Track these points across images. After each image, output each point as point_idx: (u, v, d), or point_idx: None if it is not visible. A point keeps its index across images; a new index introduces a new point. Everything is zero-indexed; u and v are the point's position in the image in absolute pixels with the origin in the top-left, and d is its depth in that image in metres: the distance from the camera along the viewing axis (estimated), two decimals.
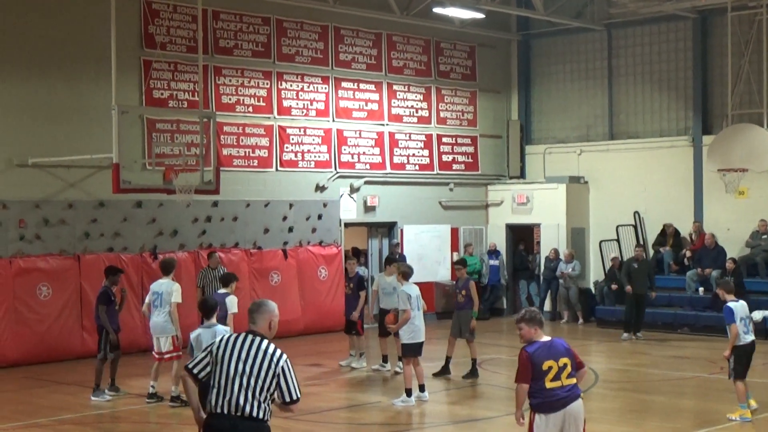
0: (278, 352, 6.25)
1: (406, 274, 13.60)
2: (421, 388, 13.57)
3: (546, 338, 7.88)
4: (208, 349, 6.40)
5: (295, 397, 6.25)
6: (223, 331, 9.88)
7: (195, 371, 6.42)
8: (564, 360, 7.78)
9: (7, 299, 16.98)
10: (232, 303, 12.74)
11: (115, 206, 18.56)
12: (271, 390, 6.21)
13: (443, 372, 15.36)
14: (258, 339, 6.27)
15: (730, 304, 11.91)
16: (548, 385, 7.70)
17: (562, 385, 7.74)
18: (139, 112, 18.62)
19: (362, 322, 16.60)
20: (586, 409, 13.62)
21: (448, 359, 15.44)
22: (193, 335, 10.00)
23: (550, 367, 7.71)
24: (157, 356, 13.59)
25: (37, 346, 17.13)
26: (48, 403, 13.75)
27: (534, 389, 7.74)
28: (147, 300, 14.05)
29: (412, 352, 13.36)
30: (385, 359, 16.15)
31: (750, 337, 11.96)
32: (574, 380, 7.82)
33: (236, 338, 6.31)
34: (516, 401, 7.94)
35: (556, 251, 23.57)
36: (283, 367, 6.21)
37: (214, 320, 10.21)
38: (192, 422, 7.00)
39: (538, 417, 7.76)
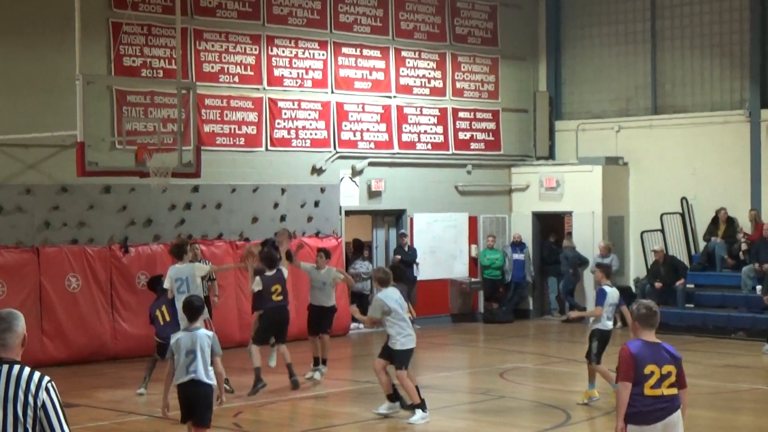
0: (36, 375, 5.58)
1: (382, 280, 13.50)
2: (403, 403, 13.38)
3: (653, 339, 7.97)
4: None
5: None
6: (203, 339, 9.89)
7: None
8: (669, 368, 7.85)
9: None
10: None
11: (79, 191, 18.57)
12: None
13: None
14: (6, 367, 5.58)
15: (606, 288, 14.06)
16: (647, 392, 7.77)
17: (662, 394, 7.81)
18: (107, 83, 18.60)
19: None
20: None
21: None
22: (173, 339, 10.11)
23: (652, 372, 7.79)
24: None
25: None
26: None
27: (630, 396, 7.79)
28: (167, 286, 14.73)
29: (405, 361, 13.25)
30: (316, 362, 16.02)
31: (611, 324, 14.21)
32: (675, 391, 7.87)
33: None
34: (618, 406, 7.90)
35: (570, 234, 23.76)
36: (44, 400, 5.55)
37: (198, 323, 10.18)
38: None
39: (632, 429, 7.81)
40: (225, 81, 20.60)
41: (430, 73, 23.86)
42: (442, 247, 23.86)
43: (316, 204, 21.78)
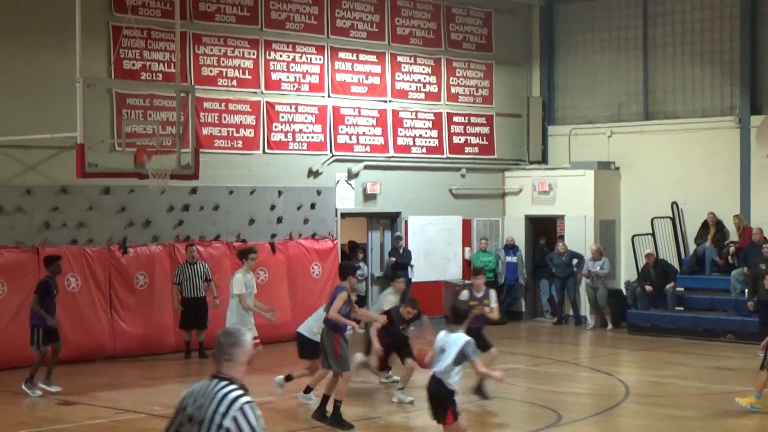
0: (231, 396, 5.44)
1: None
2: None
3: None
4: (180, 404, 5.72)
5: None
6: (455, 342, 10.20)
7: None
8: None
9: None
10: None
11: (79, 192, 18.57)
12: None
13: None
14: (215, 383, 5.52)
15: None
16: None
17: None
18: (107, 86, 18.63)
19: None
20: (614, 426, 13.68)
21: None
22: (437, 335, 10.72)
23: None
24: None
25: None
26: (0, 417, 13.78)
27: None
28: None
29: None
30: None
31: None
32: None
33: (200, 387, 5.60)
34: None
35: (564, 245, 23.66)
36: (236, 416, 5.39)
37: (460, 328, 10.47)
38: None
39: None
40: (223, 84, 20.62)
41: (425, 78, 23.88)
42: (436, 249, 23.88)
43: (312, 206, 21.80)
